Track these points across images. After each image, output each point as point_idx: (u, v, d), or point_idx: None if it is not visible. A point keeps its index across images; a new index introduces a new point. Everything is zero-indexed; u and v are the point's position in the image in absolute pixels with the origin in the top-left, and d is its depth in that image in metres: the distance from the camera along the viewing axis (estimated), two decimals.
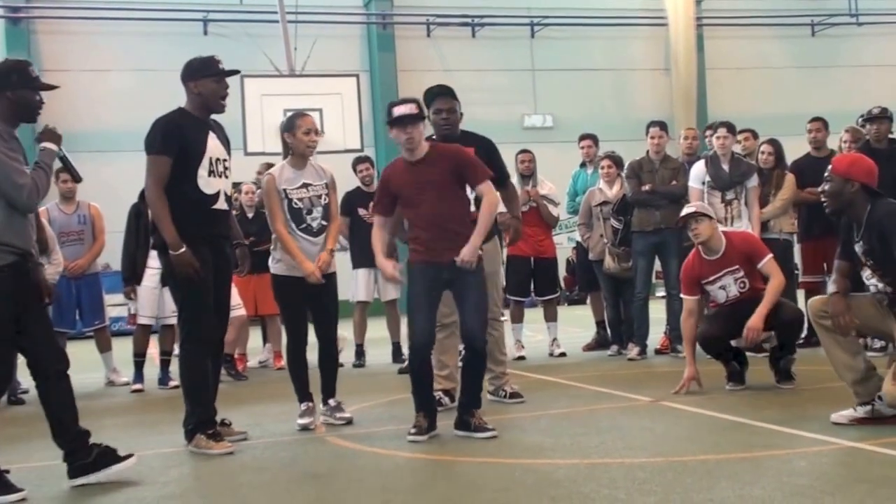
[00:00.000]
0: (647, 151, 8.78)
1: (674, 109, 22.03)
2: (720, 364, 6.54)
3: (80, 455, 4.51)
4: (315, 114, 11.00)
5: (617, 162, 9.27)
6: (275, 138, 7.50)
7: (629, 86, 23.27)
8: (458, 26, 22.42)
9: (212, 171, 5.23)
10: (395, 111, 5.20)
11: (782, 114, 20.57)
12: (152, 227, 5.31)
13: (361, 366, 9.33)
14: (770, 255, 6.50)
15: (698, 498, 3.63)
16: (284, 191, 5.72)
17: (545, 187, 9.27)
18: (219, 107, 5.34)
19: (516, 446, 4.95)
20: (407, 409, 5.42)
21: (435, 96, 6.17)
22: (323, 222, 5.82)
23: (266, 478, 4.52)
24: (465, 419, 5.25)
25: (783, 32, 24.27)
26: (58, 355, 4.56)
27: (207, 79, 5.26)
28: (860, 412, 4.89)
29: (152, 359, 8.91)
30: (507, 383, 6.49)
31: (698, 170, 8.35)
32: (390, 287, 9.37)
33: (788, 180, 8.51)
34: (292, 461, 4.92)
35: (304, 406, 5.83)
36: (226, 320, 5.55)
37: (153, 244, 5.43)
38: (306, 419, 5.76)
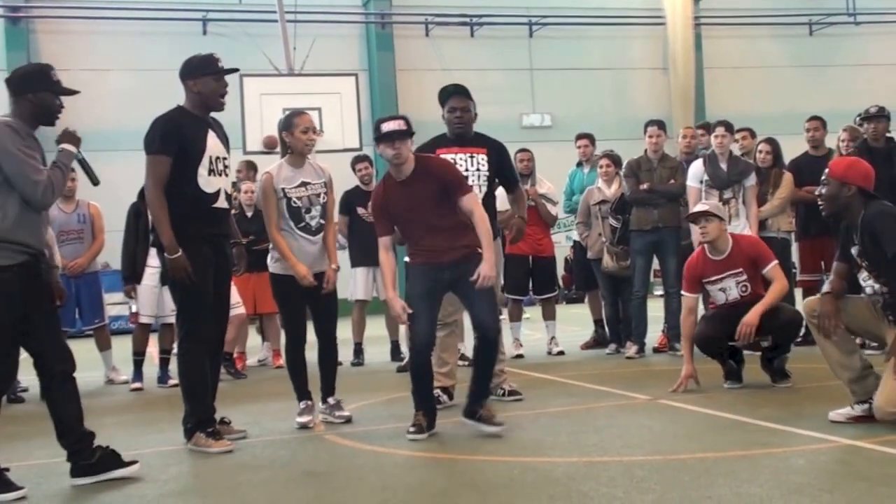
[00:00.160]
0: (646, 150, 8.80)
1: (672, 108, 22.06)
2: (717, 363, 6.56)
3: (84, 456, 4.53)
4: (314, 113, 11.02)
5: (615, 161, 9.29)
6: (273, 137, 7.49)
7: (627, 85, 23.29)
8: (457, 26, 22.44)
9: (212, 170, 5.22)
10: (384, 127, 5.19)
11: (780, 113, 20.59)
12: (152, 226, 5.30)
13: (360, 364, 9.34)
14: (776, 262, 6.50)
15: (696, 496, 3.64)
16: (283, 190, 5.71)
17: (544, 186, 9.29)
18: (218, 105, 5.34)
19: (515, 444, 4.96)
20: (406, 407, 5.42)
21: (450, 95, 6.24)
22: (321, 221, 5.82)
23: (265, 476, 4.53)
24: (475, 409, 5.24)
25: (781, 32, 24.29)
26: (64, 356, 4.57)
27: (207, 77, 5.25)
28: (857, 410, 4.90)
29: (151, 357, 8.92)
30: (506, 381, 6.50)
31: (696, 169, 8.36)
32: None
33: (786, 179, 8.53)
34: (291, 459, 4.93)
35: (303, 404, 5.83)
36: (226, 319, 5.55)
37: (153, 242, 5.42)
38: (305, 417, 5.76)
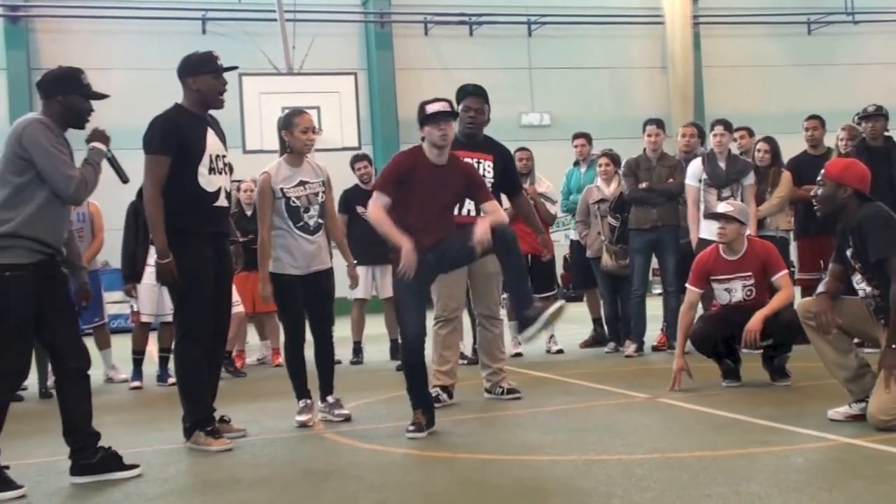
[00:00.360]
0: (644, 149, 8.80)
1: (671, 107, 22.06)
2: (714, 362, 6.56)
3: (86, 455, 4.54)
4: (313, 112, 11.01)
5: (614, 160, 9.30)
6: (273, 136, 7.50)
7: (626, 84, 23.28)
8: (456, 25, 22.42)
9: (212, 169, 5.22)
10: (430, 108, 5.24)
11: (779, 112, 20.58)
12: None
13: (359, 363, 9.35)
14: (787, 271, 6.52)
15: (695, 494, 3.64)
16: (282, 189, 5.69)
17: (543, 185, 9.28)
18: (218, 102, 5.33)
19: (514, 443, 4.96)
20: (405, 405, 5.42)
21: (467, 94, 6.31)
22: (319, 220, 5.81)
23: (264, 474, 4.54)
24: (524, 314, 5.06)
25: (779, 31, 24.28)
26: (80, 353, 4.58)
27: (206, 75, 5.24)
28: (855, 409, 4.90)
29: (151, 356, 8.92)
30: (505, 380, 6.51)
31: (695, 167, 8.37)
32: (388, 284, 9.38)
33: (785, 178, 8.53)
34: (291, 458, 4.93)
35: (302, 403, 5.83)
36: (228, 316, 5.55)
37: (152, 241, 5.43)
38: (305, 416, 5.77)
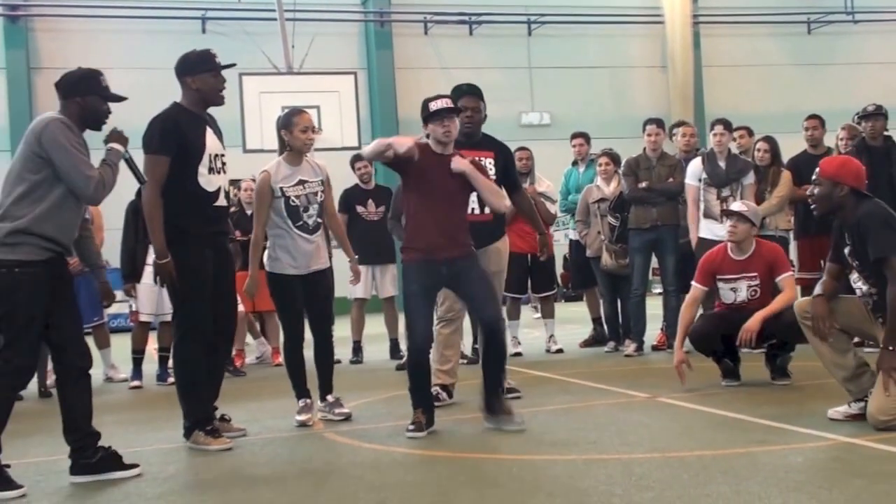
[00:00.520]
0: (644, 149, 8.80)
1: (671, 107, 22.05)
2: (712, 361, 6.55)
3: (86, 454, 4.54)
4: (313, 111, 11.01)
5: (614, 159, 9.30)
6: (273, 135, 7.49)
7: (626, 83, 23.27)
8: (456, 24, 22.41)
9: (212, 168, 5.21)
10: (433, 105, 5.29)
11: (779, 111, 20.57)
12: None
13: (359, 362, 9.35)
14: (792, 273, 6.53)
15: (695, 493, 3.64)
16: (281, 188, 5.68)
17: (543, 185, 9.28)
18: (219, 100, 5.31)
19: (513, 442, 4.96)
20: (405, 405, 5.42)
21: (463, 94, 6.30)
22: (318, 220, 5.80)
23: (264, 473, 4.54)
24: (492, 403, 5.33)
25: (779, 30, 24.27)
26: (83, 352, 4.59)
27: (205, 74, 5.23)
28: (855, 408, 4.90)
29: (150, 355, 8.92)
30: (504, 379, 6.50)
31: (695, 167, 8.37)
32: (388, 284, 9.40)
33: (785, 177, 8.52)
34: (290, 457, 4.94)
35: (302, 402, 5.83)
36: (232, 318, 5.56)
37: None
38: (304, 415, 5.76)
